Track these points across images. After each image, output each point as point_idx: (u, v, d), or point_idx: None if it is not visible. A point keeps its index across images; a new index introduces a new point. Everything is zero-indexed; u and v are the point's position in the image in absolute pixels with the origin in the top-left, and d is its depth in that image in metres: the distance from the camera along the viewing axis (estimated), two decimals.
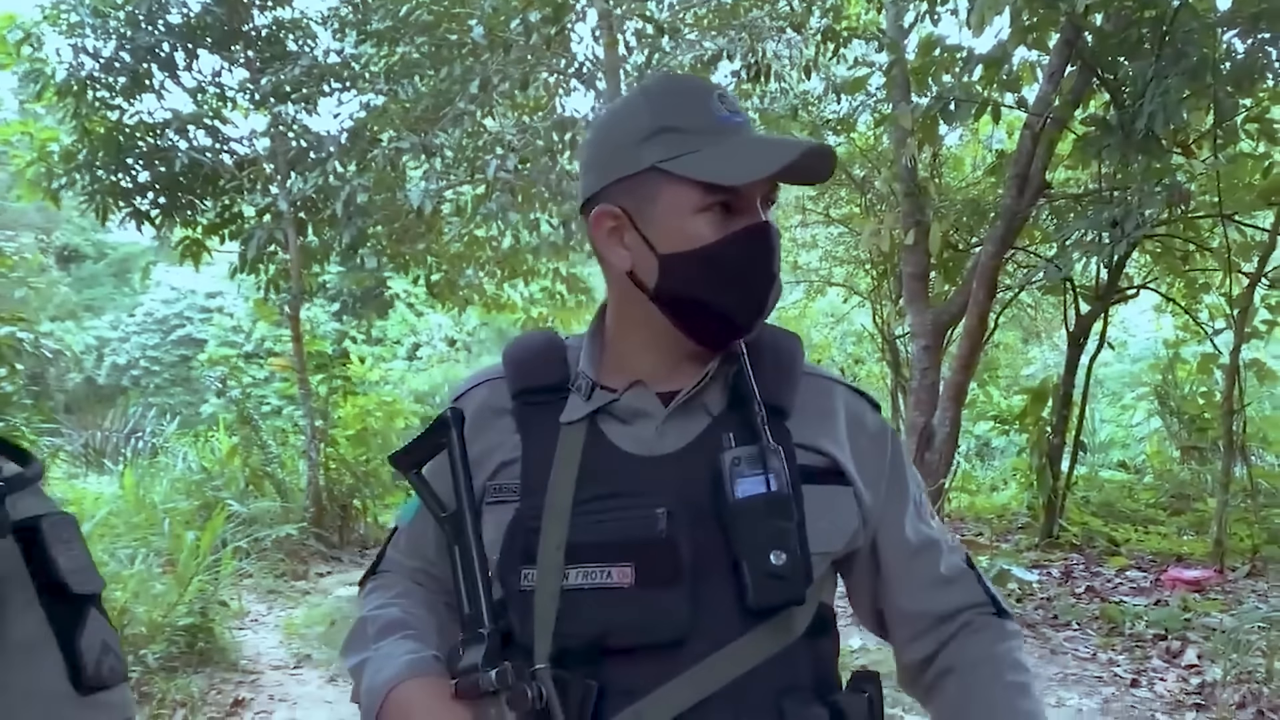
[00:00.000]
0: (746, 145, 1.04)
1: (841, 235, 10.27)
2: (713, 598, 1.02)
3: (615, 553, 1.02)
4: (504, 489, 1.10)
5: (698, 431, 1.09)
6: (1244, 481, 6.56)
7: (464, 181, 7.57)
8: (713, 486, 1.04)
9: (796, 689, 1.05)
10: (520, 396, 1.14)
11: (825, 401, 1.15)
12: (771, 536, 1.01)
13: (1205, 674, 4.49)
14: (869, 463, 1.14)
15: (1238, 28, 5.80)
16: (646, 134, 1.06)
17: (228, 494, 6.94)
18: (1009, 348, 12.53)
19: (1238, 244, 6.54)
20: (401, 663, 1.06)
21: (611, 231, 1.10)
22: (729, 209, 1.04)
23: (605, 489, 1.05)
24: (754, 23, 7.33)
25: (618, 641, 1.01)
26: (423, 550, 1.20)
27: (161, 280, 22.31)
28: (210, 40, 7.62)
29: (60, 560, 1.02)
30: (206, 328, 20.34)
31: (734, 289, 1.06)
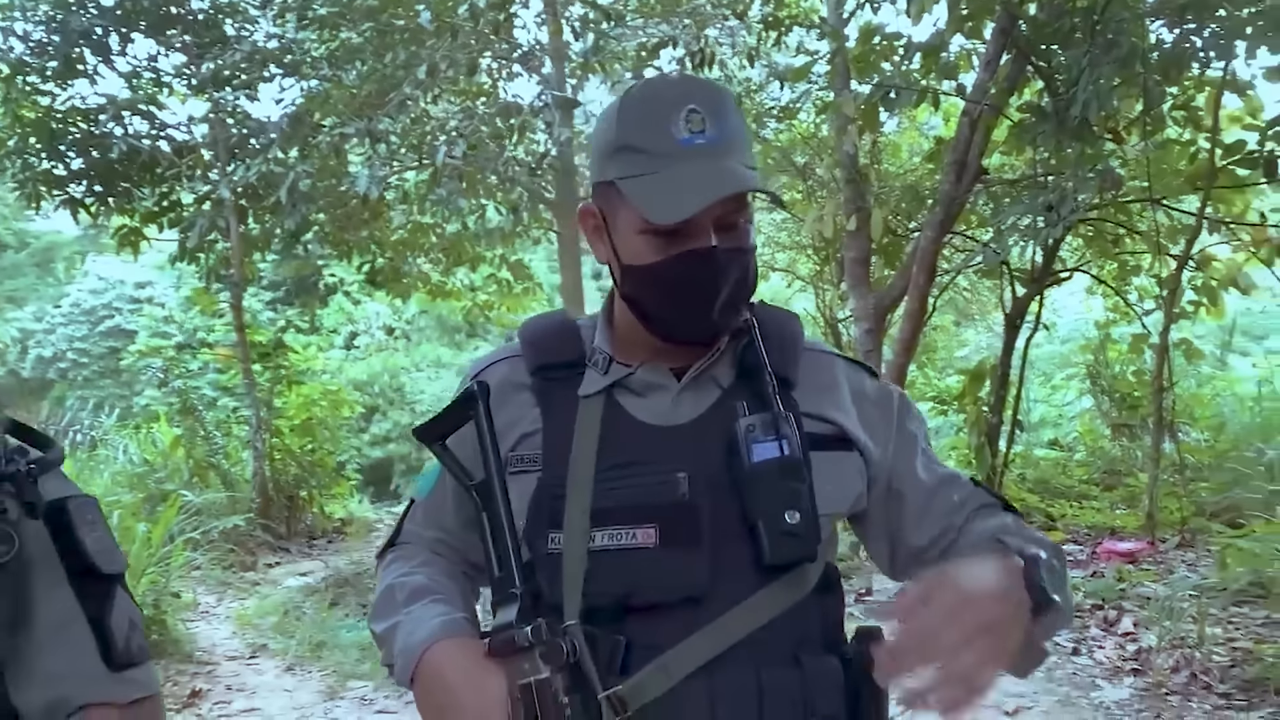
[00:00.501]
0: (688, 179, 1.06)
1: (784, 221, 10.40)
2: (731, 556, 1.08)
3: (639, 515, 1.08)
4: (526, 459, 1.15)
5: (710, 402, 1.15)
6: (1173, 457, 6.80)
7: (409, 168, 7.53)
8: (728, 453, 1.10)
9: (809, 641, 1.12)
10: (539, 372, 1.20)
11: (827, 373, 1.22)
12: (786, 498, 1.08)
13: (1141, 641, 4.67)
14: (877, 426, 1.21)
15: (1165, 18, 6.00)
16: (612, 148, 1.12)
17: (172, 486, 6.85)
18: (944, 330, 12.79)
19: (1166, 227, 6.77)
20: (435, 624, 1.11)
21: (595, 229, 1.18)
22: (675, 233, 1.08)
23: (625, 457, 1.11)
24: (698, 10, 7.38)
25: (642, 599, 1.07)
26: (441, 521, 1.25)
27: (89, 270, 21.75)
28: (145, 24, 7.47)
29: (87, 541, 1.06)
30: (137, 319, 19.86)
31: (676, 307, 1.12)
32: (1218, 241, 6.84)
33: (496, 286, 9.87)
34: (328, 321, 18.99)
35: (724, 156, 1.09)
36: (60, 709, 1.01)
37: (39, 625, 1.02)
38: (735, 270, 1.11)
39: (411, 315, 19.34)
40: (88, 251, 19.67)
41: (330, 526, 8.06)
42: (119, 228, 7.83)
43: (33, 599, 1.02)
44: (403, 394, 18.30)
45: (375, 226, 8.24)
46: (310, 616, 5.32)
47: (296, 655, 4.83)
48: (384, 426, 17.67)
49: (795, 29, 8.02)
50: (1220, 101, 6.27)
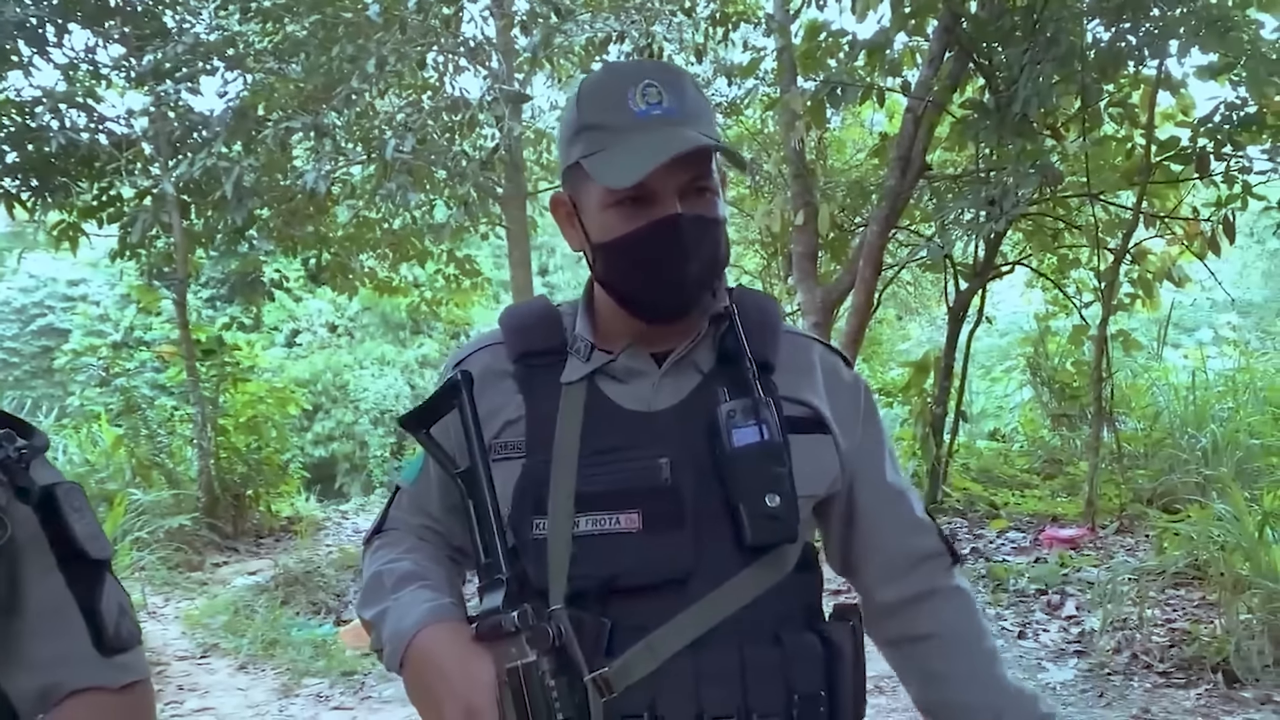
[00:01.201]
0: (645, 144, 1.07)
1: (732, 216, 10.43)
2: (713, 539, 1.11)
3: (622, 500, 1.11)
4: (509, 446, 1.17)
5: (691, 388, 1.18)
6: (1111, 445, 6.98)
7: (356, 162, 7.46)
8: (709, 437, 1.13)
9: (790, 619, 1.16)
10: (521, 360, 1.22)
11: (804, 357, 1.25)
12: (766, 481, 1.11)
13: (1084, 624, 4.81)
14: (845, 413, 1.24)
15: (1103, 18, 6.15)
16: (574, 131, 1.15)
17: (114, 485, 6.72)
18: (888, 323, 12.96)
19: (1104, 222, 6.95)
20: (423, 609, 1.12)
21: (566, 217, 1.20)
22: (639, 201, 1.11)
23: (608, 443, 1.14)
24: (646, 5, 7.40)
25: (627, 582, 1.10)
26: (426, 508, 1.27)
27: (19, 268, 21.19)
28: (82, 15, 7.30)
29: (77, 527, 1.06)
30: (71, 317, 19.39)
31: (646, 278, 1.14)
32: (1152, 236, 7.03)
33: (444, 282, 9.82)
34: (269, 319, 18.67)
35: (683, 125, 1.10)
36: (52, 694, 1.02)
37: (30, 611, 1.02)
38: (704, 239, 1.13)
39: (355, 312, 19.12)
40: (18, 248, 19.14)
41: (278, 525, 7.96)
42: (56, 223, 7.65)
43: (24, 585, 1.02)
44: (346, 392, 18.09)
45: (321, 222, 8.15)
46: (261, 615, 5.26)
47: (249, 654, 4.78)
48: (327, 425, 17.46)
49: (742, 25, 8.09)
50: (1155, 99, 6.44)
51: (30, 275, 20.82)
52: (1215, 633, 4.32)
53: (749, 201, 9.29)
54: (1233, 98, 6.01)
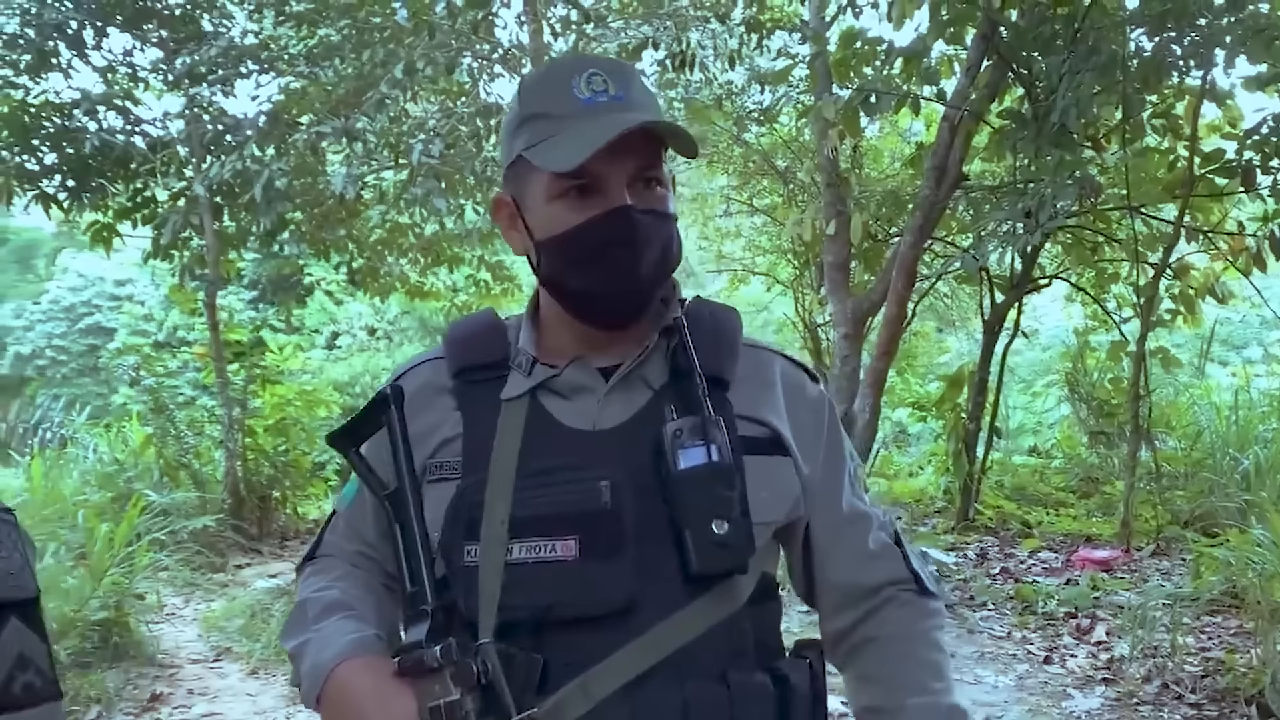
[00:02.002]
0: (591, 128, 1.02)
1: (765, 225, 10.37)
2: (657, 568, 1.03)
3: (559, 525, 1.03)
4: (445, 466, 1.10)
5: (640, 405, 1.10)
6: (1149, 465, 6.80)
7: (387, 167, 7.47)
8: (655, 458, 1.05)
9: (741, 655, 1.07)
10: (461, 375, 1.15)
11: (765, 373, 1.17)
12: (714, 505, 1.03)
13: (1114, 650, 4.66)
14: (807, 433, 1.16)
15: (1145, 26, 6.00)
16: (517, 123, 1.09)
17: (141, 485, 6.75)
18: (926, 336, 12.79)
19: (1144, 235, 6.78)
20: (344, 642, 1.06)
21: (509, 219, 1.13)
22: (588, 191, 1.05)
23: (548, 463, 1.06)
24: (679, 12, 7.35)
25: (562, 614, 1.02)
26: (362, 533, 1.20)
27: (69, 267, 21.57)
28: (121, 18, 7.38)
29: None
30: (116, 316, 19.71)
31: (594, 273, 1.07)
32: (1195, 250, 6.84)
33: (476, 287, 9.81)
34: (310, 321, 18.87)
35: (630, 112, 1.05)
36: None
37: None
38: (655, 234, 1.07)
39: (394, 316, 19.24)
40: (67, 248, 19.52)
41: (303, 527, 7.97)
42: (91, 224, 7.73)
43: None
44: None
45: (352, 226, 8.17)
46: (277, 619, 5.23)
47: (260, 659, 4.75)
48: None
49: (777, 32, 8.01)
50: (1199, 110, 6.29)
51: (79, 275, 21.22)
52: (1251, 663, 4.16)
53: (781, 210, 9.19)
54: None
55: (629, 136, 1.01)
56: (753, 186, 9.93)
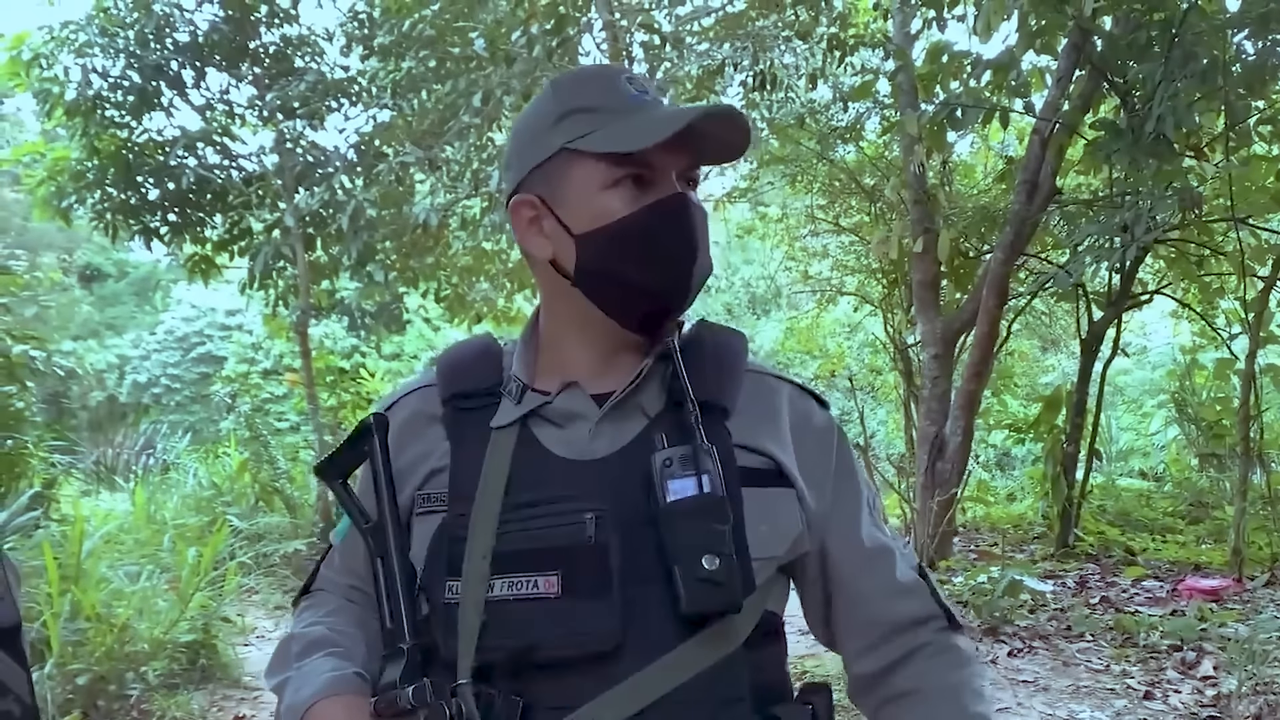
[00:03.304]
0: (651, 117, 1.02)
1: (852, 244, 10.21)
2: (645, 607, 0.97)
3: (542, 561, 0.98)
4: (433, 498, 1.06)
5: (634, 434, 1.05)
6: (1262, 489, 6.46)
7: (470, 195, 7.57)
8: (645, 490, 1.00)
9: (736, 702, 1.00)
10: (451, 402, 1.11)
11: (769, 400, 1.11)
12: (704, 540, 0.97)
13: (1221, 686, 4.40)
14: (813, 463, 1.10)
15: (1247, 29, 5.73)
16: (556, 118, 1.05)
17: (235, 510, 6.94)
18: (1025, 356, 12.41)
19: (1252, 247, 6.46)
20: (322, 680, 1.03)
21: (531, 221, 1.08)
22: (641, 182, 1.02)
23: (535, 495, 1.01)
24: (760, 32, 7.30)
25: (545, 655, 0.97)
26: (354, 567, 1.17)
27: (182, 298, 22.46)
28: (218, 58, 7.68)
29: None
30: (226, 345, 20.42)
31: (652, 263, 1.03)
32: None
33: None
34: (408, 348, 19.27)
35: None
36: None
37: None
38: (705, 229, 1.06)
39: None
40: (176, 280, 20.35)
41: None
42: (191, 255, 8.02)
43: None
44: None
45: (439, 253, 8.31)
46: None
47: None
48: None
49: (861, 49, 7.89)
50: None
51: (191, 305, 22.08)
52: None
53: (868, 228, 9.04)
54: None
55: (681, 132, 1.00)
56: (840, 205, 9.79)
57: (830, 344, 12.17)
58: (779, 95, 8.00)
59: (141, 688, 4.35)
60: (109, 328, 23.72)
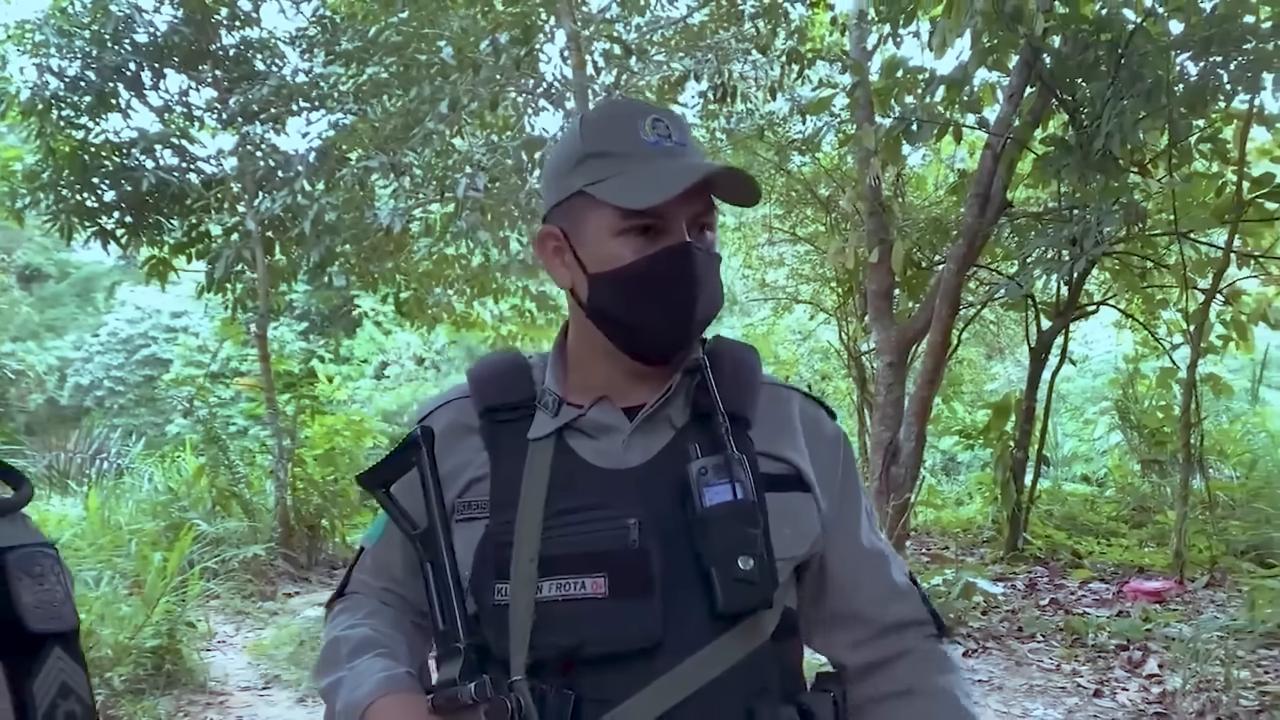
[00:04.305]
0: (663, 170, 1.07)
1: (808, 253, 10.37)
2: (683, 605, 1.05)
3: (588, 564, 1.05)
4: (473, 505, 1.12)
5: (663, 444, 1.12)
6: (1202, 494, 6.68)
7: (433, 200, 7.59)
8: (680, 497, 1.07)
9: (766, 691, 1.08)
10: (487, 415, 1.17)
11: (784, 410, 1.19)
12: (739, 543, 1.04)
13: (1166, 683, 4.57)
14: (825, 469, 1.18)
15: (1190, 51, 5.95)
16: (577, 160, 1.11)
17: (194, 514, 6.88)
18: (972, 363, 12.67)
19: (1193, 261, 6.70)
20: (377, 680, 1.09)
21: (554, 251, 1.15)
22: (650, 230, 1.08)
23: (575, 502, 1.08)
24: (720, 44, 7.41)
25: (592, 651, 1.03)
26: (390, 570, 1.23)
27: (126, 300, 22.10)
28: (177, 60, 7.61)
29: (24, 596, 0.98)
30: (171, 348, 20.12)
31: (653, 307, 1.09)
32: (1247, 275, 6.74)
33: (521, 317, 9.90)
34: (359, 351, 19.13)
35: (689, 158, 1.11)
36: None
37: None
38: (710, 273, 1.11)
39: (441, 345, 19.44)
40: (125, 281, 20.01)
41: (352, 556, 8.06)
42: (148, 259, 7.94)
43: None
44: None
45: (400, 258, 8.31)
46: None
47: (309, 688, 4.81)
48: None
49: (819, 63, 8.04)
50: (1248, 134, 6.21)
51: (136, 307, 21.72)
52: None
53: (824, 238, 9.19)
54: None
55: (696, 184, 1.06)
56: (796, 215, 9.95)
57: (783, 351, 12.32)
58: (738, 107, 8.12)
59: (107, 693, 4.33)
60: (49, 329, 23.23)
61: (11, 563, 0.98)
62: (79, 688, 1.02)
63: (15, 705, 0.95)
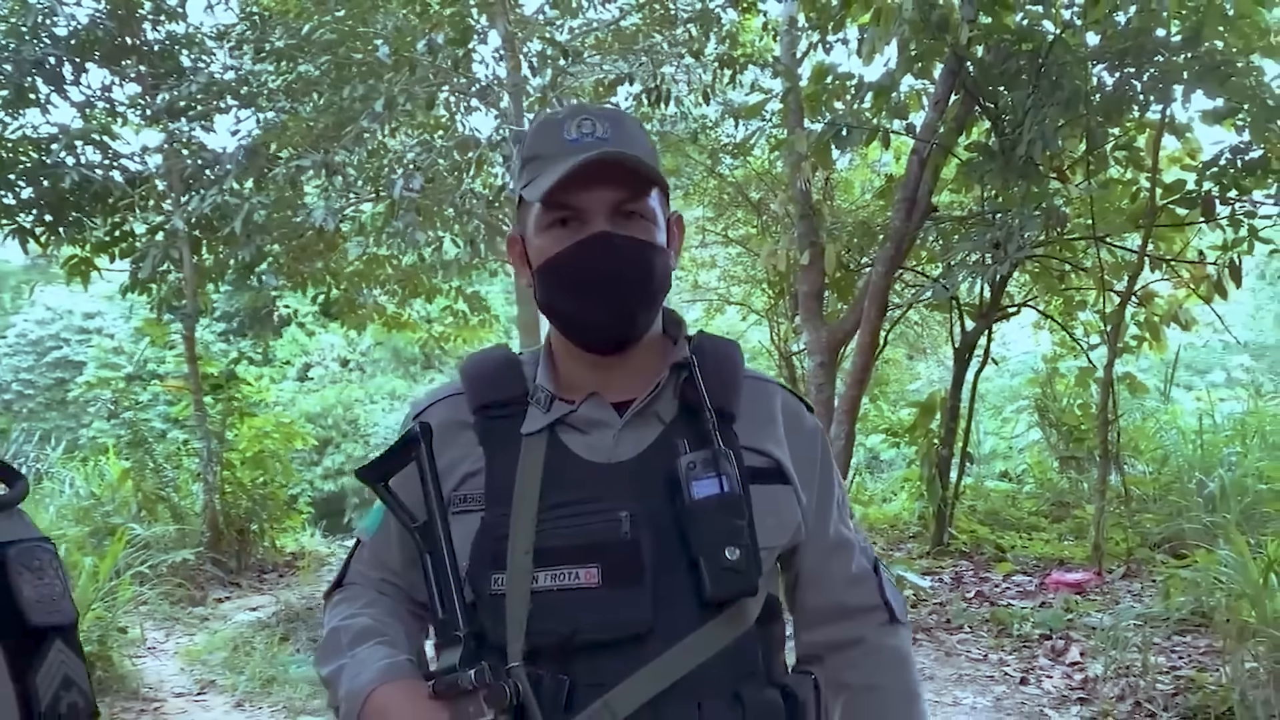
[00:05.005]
0: (570, 162, 1.11)
1: (739, 255, 10.50)
2: (673, 593, 1.10)
3: (581, 555, 1.10)
4: (469, 499, 1.17)
5: (652, 438, 1.18)
6: (1118, 489, 6.93)
7: (366, 199, 7.53)
8: (669, 489, 1.13)
9: (751, 674, 1.14)
10: (481, 411, 1.21)
11: (767, 405, 1.25)
12: (726, 534, 1.10)
13: (1088, 670, 4.75)
14: (804, 462, 1.25)
15: (1106, 62, 6.18)
16: (520, 166, 1.20)
17: (119, 519, 6.73)
18: (897, 363, 12.94)
19: (1110, 264, 6.94)
20: (379, 667, 1.13)
21: (518, 255, 1.23)
22: (569, 223, 1.14)
23: (569, 495, 1.13)
24: (654, 47, 7.48)
25: (586, 638, 1.08)
26: (386, 561, 1.26)
27: (36, 300, 21.39)
28: (99, 54, 7.43)
29: (24, 590, 1.00)
30: (85, 349, 19.54)
31: (580, 296, 1.15)
32: (1159, 278, 7.01)
33: (453, 318, 9.86)
34: (281, 353, 18.79)
35: (612, 148, 1.13)
36: None
37: None
38: (635, 260, 1.14)
39: (366, 347, 19.19)
40: (35, 281, 19.35)
41: (281, 560, 7.95)
42: (69, 258, 7.74)
43: None
44: (357, 426, 18.11)
45: (330, 258, 8.22)
46: (260, 652, 5.25)
47: (246, 691, 4.76)
48: (337, 459, 17.47)
49: (750, 67, 8.16)
50: (1160, 143, 6.46)
51: (47, 308, 21.01)
52: (1221, 681, 4.26)
53: (756, 240, 9.32)
54: (1237, 142, 6.03)
55: (610, 171, 1.11)
56: (727, 218, 10.08)
57: None
58: (671, 110, 8.20)
59: None
60: None
61: (12, 557, 1.00)
62: (80, 679, 1.04)
63: (19, 696, 0.96)
